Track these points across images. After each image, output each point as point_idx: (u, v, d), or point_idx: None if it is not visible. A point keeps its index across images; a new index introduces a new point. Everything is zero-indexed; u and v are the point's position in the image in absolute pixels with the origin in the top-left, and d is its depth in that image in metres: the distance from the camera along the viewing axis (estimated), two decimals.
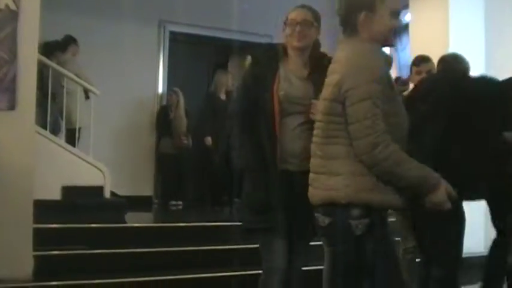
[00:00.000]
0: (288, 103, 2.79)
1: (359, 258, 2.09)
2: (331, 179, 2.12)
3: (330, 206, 2.12)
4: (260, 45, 2.96)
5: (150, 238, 5.01)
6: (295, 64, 2.89)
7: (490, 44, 6.47)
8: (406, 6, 6.63)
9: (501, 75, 3.51)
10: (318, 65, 2.82)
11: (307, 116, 2.76)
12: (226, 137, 7.13)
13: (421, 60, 4.14)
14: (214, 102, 7.26)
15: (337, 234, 2.11)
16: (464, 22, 5.48)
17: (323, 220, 2.16)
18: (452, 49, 5.45)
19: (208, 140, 7.10)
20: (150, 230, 5.38)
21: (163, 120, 7.71)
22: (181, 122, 7.58)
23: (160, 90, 8.38)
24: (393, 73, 9.21)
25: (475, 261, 5.87)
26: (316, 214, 2.22)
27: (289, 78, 2.85)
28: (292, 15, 2.88)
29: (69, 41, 6.93)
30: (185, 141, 7.55)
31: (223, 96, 7.36)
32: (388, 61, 2.25)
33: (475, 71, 3.86)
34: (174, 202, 7.50)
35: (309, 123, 2.71)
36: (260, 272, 2.89)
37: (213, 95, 7.36)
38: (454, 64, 3.73)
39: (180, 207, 7.47)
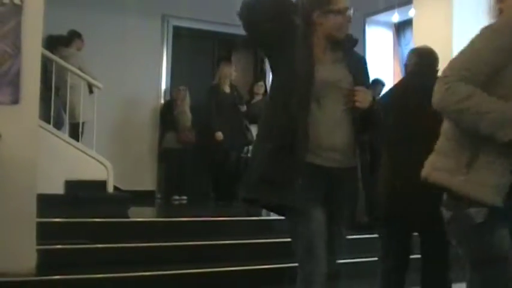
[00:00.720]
0: (326, 88, 2.47)
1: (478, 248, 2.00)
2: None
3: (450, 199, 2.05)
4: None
5: (153, 233, 5.01)
6: (322, 48, 2.56)
7: None
8: (409, 1, 6.61)
9: None
10: (347, 47, 2.65)
11: (349, 103, 2.49)
12: (229, 131, 7.13)
13: None
14: (218, 95, 7.17)
15: (459, 228, 2.05)
16: (467, 17, 5.45)
17: (445, 214, 2.08)
18: (455, 44, 5.44)
19: (220, 135, 7.00)
20: (153, 225, 5.38)
21: (168, 115, 7.70)
22: (186, 117, 7.56)
23: (163, 84, 8.37)
24: (396, 68, 9.21)
25: None
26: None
27: (321, 62, 2.52)
28: (345, 3, 2.54)
29: (74, 36, 6.93)
30: (190, 136, 7.54)
31: (227, 90, 7.27)
32: None
33: None
34: (177, 197, 7.48)
35: (349, 112, 2.51)
36: (265, 267, 2.81)
37: (217, 88, 7.25)
38: (427, 58, 3.53)
39: (185, 201, 7.46)
